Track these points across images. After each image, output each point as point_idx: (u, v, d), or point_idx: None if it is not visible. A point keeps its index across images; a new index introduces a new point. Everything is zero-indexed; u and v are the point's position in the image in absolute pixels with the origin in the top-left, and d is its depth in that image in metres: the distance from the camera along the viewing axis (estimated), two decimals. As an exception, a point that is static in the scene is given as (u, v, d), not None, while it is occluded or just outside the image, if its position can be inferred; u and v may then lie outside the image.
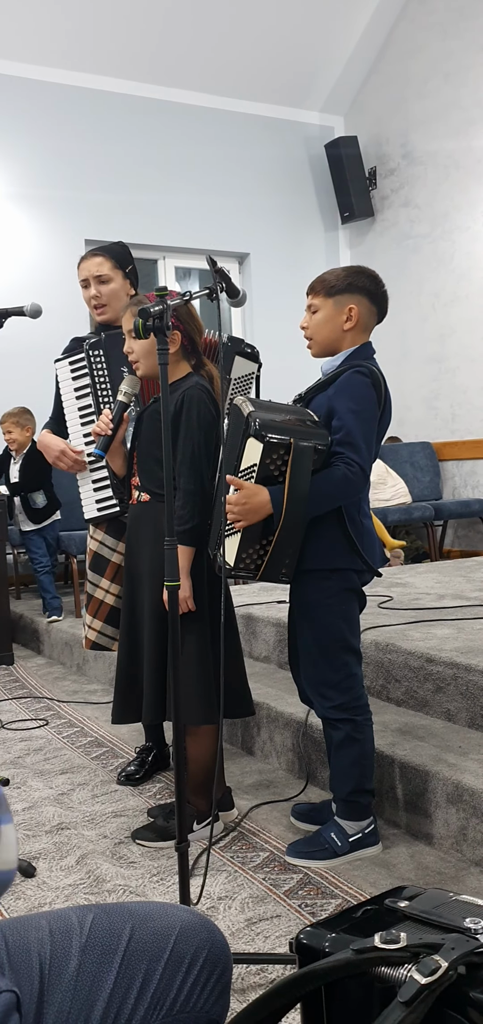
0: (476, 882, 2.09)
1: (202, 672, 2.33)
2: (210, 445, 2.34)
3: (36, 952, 0.99)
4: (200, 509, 2.29)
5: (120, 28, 6.51)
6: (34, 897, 2.15)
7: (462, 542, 6.97)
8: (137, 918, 1.05)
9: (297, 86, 7.50)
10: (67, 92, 6.70)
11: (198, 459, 2.29)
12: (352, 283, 2.23)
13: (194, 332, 2.40)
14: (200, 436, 2.30)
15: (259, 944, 1.88)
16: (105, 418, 2.52)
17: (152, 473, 2.41)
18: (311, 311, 2.27)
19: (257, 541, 2.10)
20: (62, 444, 2.86)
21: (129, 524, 2.55)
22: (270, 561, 2.10)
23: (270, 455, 2.04)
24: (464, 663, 2.67)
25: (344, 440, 2.10)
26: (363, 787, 2.23)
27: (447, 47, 6.79)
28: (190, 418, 2.29)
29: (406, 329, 7.22)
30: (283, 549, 2.09)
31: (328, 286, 2.24)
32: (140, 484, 2.47)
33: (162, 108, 7.07)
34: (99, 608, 2.84)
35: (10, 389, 6.34)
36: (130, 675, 2.48)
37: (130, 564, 2.52)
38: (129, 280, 2.88)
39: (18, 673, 4.70)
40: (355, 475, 2.08)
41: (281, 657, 3.52)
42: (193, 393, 2.31)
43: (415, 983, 0.88)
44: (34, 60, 6.54)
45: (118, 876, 2.23)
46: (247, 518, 2.07)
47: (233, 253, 7.49)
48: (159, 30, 6.61)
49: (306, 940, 1.07)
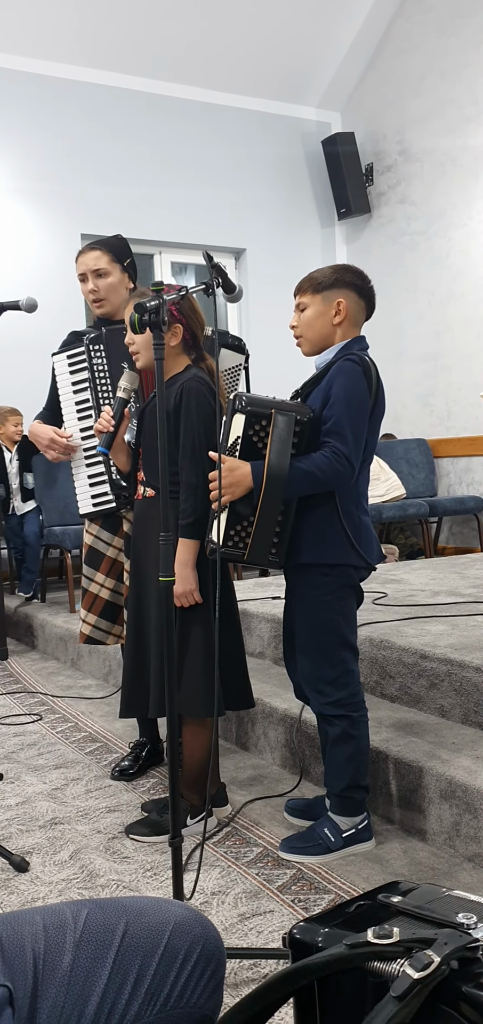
0: (469, 877, 2.09)
1: (210, 665, 2.32)
2: (211, 437, 2.34)
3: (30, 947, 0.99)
4: (202, 501, 2.29)
5: (118, 23, 6.49)
6: (27, 892, 2.15)
7: (457, 539, 6.98)
8: (131, 914, 1.05)
9: (294, 82, 7.49)
10: (64, 86, 6.68)
11: (199, 451, 2.30)
12: (339, 278, 2.25)
13: (196, 326, 2.41)
14: (200, 428, 2.31)
15: (252, 939, 1.88)
16: (106, 415, 2.52)
17: (157, 468, 2.41)
18: (300, 310, 2.29)
19: (244, 518, 2.12)
20: (51, 432, 2.84)
21: (134, 520, 2.55)
22: (256, 536, 2.12)
23: (252, 426, 2.09)
24: (458, 659, 2.68)
25: (332, 429, 2.11)
26: (357, 783, 2.24)
27: (444, 44, 6.79)
28: (189, 410, 2.30)
29: (402, 326, 7.22)
30: (268, 522, 2.11)
31: (315, 283, 2.25)
32: (145, 479, 2.47)
33: (159, 103, 7.05)
34: (93, 603, 2.84)
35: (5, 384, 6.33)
36: (137, 670, 2.47)
37: (136, 560, 2.51)
38: (127, 273, 2.87)
39: (12, 668, 4.70)
40: (341, 464, 2.09)
41: (275, 653, 3.52)
42: (191, 385, 2.31)
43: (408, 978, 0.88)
44: (32, 54, 6.52)
45: (112, 871, 2.23)
46: (230, 491, 2.09)
47: (229, 248, 7.48)
48: (157, 25, 6.60)
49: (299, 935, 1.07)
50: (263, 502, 2.08)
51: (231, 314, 7.54)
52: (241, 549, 2.14)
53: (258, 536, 2.12)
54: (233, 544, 2.14)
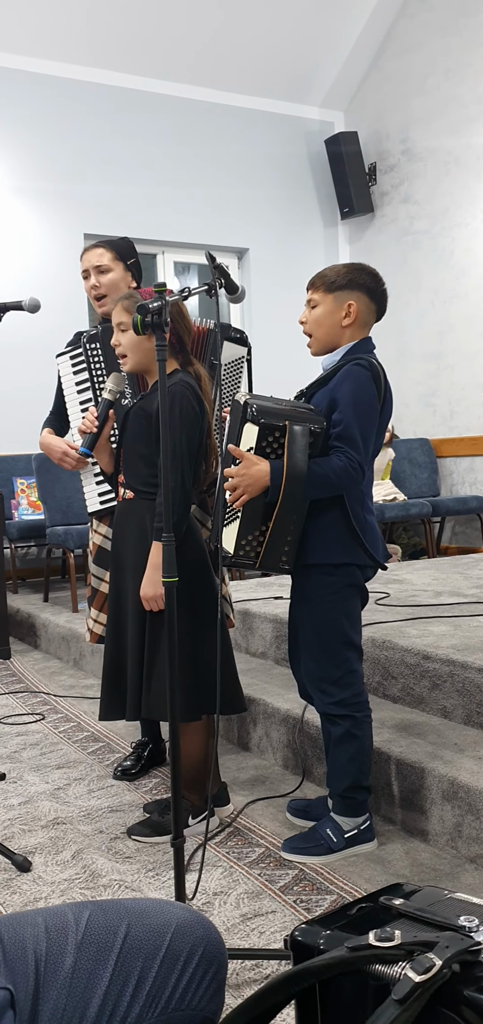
0: (471, 879, 2.09)
1: (185, 669, 2.32)
2: (193, 442, 2.33)
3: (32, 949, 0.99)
4: (180, 505, 2.29)
5: (120, 22, 6.49)
6: (30, 892, 2.16)
7: (459, 539, 6.97)
8: (133, 915, 1.05)
9: (297, 81, 7.48)
10: (67, 85, 6.68)
11: (180, 456, 2.29)
12: (352, 279, 2.23)
13: (183, 331, 2.40)
14: (182, 433, 2.30)
15: (254, 940, 1.88)
16: (90, 416, 2.53)
17: (136, 470, 2.42)
18: (310, 306, 2.28)
19: (257, 527, 2.11)
20: (63, 445, 2.86)
21: (115, 521, 2.55)
22: (270, 543, 2.11)
23: (265, 437, 2.08)
24: (460, 660, 2.68)
25: (342, 434, 2.11)
26: (360, 783, 2.24)
27: (447, 43, 6.78)
28: (172, 415, 2.28)
29: (405, 326, 7.21)
30: (283, 529, 2.10)
31: (328, 282, 2.24)
32: (125, 481, 2.47)
33: (162, 102, 7.05)
34: (105, 602, 2.84)
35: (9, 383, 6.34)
36: (117, 673, 2.47)
37: (116, 562, 2.52)
38: (130, 273, 2.88)
39: (15, 668, 4.70)
40: (355, 470, 2.10)
41: (278, 653, 3.52)
42: (176, 390, 2.30)
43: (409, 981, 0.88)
44: (35, 53, 6.52)
45: (114, 871, 2.24)
46: (247, 490, 2.08)
47: (232, 248, 7.48)
48: (159, 24, 6.60)
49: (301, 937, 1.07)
50: (281, 505, 2.06)
51: (234, 314, 7.53)
52: (253, 558, 2.14)
53: (273, 540, 2.11)
54: (244, 554, 2.13)
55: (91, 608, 2.88)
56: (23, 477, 6.33)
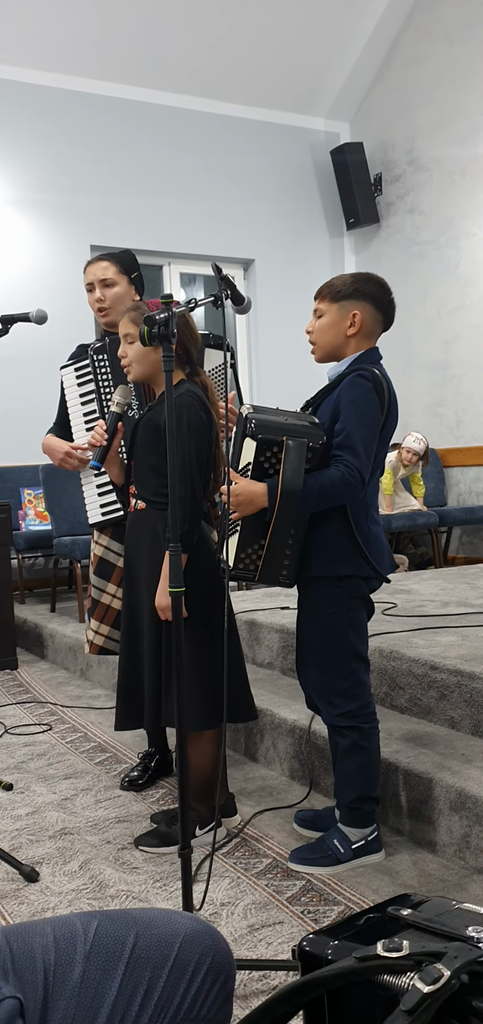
0: (479, 890, 2.08)
1: (198, 677, 2.33)
2: (201, 452, 2.34)
3: (40, 958, 0.99)
4: (190, 515, 2.29)
5: (124, 33, 6.53)
6: (37, 902, 2.16)
7: (467, 549, 6.96)
8: (141, 926, 1.05)
9: (303, 92, 7.51)
10: (72, 97, 6.72)
11: (189, 466, 2.30)
12: (358, 289, 2.24)
13: (189, 342, 2.42)
14: (190, 443, 2.31)
15: (262, 950, 1.88)
16: (100, 429, 2.55)
17: (147, 481, 2.43)
18: (316, 316, 2.28)
19: (255, 541, 2.12)
20: (66, 446, 2.89)
21: (127, 532, 2.56)
22: (267, 557, 2.12)
23: (263, 452, 2.09)
24: (468, 671, 2.67)
25: (344, 443, 2.11)
26: (367, 794, 2.23)
27: (453, 54, 6.80)
28: (181, 425, 2.30)
29: (411, 335, 7.22)
30: (280, 544, 2.11)
31: (334, 291, 2.25)
32: (136, 492, 2.48)
33: (167, 114, 7.09)
34: (106, 613, 2.85)
35: (15, 394, 6.36)
36: (132, 682, 2.48)
37: (129, 573, 2.53)
38: (134, 286, 2.90)
39: (22, 678, 4.71)
40: (354, 479, 2.09)
41: (284, 663, 3.52)
42: (183, 400, 2.31)
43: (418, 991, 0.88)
44: (39, 66, 6.56)
45: (121, 881, 2.23)
46: (242, 509, 2.09)
47: (238, 259, 7.50)
48: (164, 35, 6.64)
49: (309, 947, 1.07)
50: (276, 520, 2.07)
51: (240, 325, 7.55)
52: (252, 571, 2.15)
53: (270, 555, 2.12)
54: (243, 567, 2.14)
55: (92, 619, 2.89)
56: (30, 488, 6.35)
